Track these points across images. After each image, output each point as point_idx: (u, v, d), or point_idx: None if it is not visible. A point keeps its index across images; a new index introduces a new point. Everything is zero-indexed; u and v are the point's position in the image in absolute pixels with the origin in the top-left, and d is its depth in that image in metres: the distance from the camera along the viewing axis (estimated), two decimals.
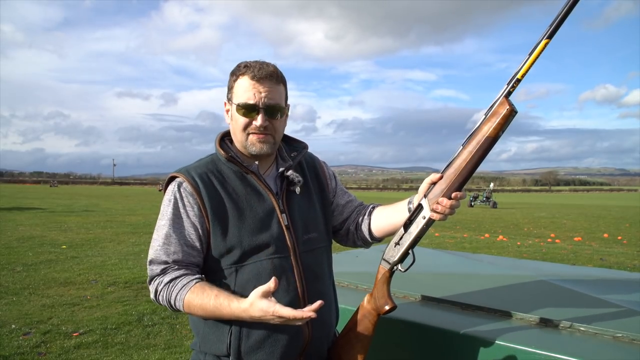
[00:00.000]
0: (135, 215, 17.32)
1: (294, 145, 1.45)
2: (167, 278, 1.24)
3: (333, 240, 1.54)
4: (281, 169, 1.35)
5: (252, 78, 1.25)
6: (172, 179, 1.32)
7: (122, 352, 3.80)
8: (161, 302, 1.27)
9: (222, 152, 1.31)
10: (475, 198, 34.35)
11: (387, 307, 1.30)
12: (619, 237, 12.87)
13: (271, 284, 1.10)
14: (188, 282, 1.22)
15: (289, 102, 1.37)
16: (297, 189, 1.35)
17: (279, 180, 1.36)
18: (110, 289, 5.79)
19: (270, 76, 1.27)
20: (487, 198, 33.54)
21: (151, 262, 1.28)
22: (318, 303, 1.10)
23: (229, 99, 1.32)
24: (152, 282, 1.28)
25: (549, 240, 12.30)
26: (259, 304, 1.12)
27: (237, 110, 1.28)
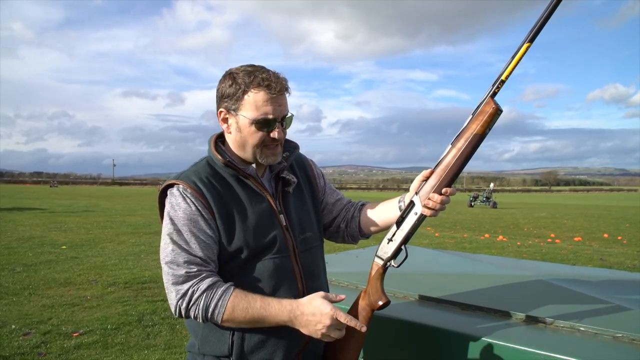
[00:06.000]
0: (135, 216, 17.32)
1: (285, 146, 1.44)
2: (203, 285, 1.18)
3: (324, 238, 1.56)
4: (276, 170, 1.36)
5: (272, 93, 1.22)
6: (171, 185, 1.27)
7: (122, 352, 3.80)
8: (192, 311, 1.18)
9: (218, 156, 1.29)
10: (475, 198, 34.32)
11: (380, 303, 1.31)
12: (619, 237, 12.86)
13: (340, 297, 1.20)
14: (227, 288, 1.19)
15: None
16: (291, 189, 1.37)
17: (274, 181, 1.37)
18: (110, 289, 5.79)
19: (285, 89, 1.26)
20: (487, 198, 33.50)
21: (175, 272, 1.19)
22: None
23: (234, 110, 1.26)
24: (185, 291, 1.18)
25: (549, 240, 12.30)
26: (318, 301, 1.16)
27: (253, 125, 1.24)
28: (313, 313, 1.15)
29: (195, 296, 1.18)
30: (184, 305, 1.19)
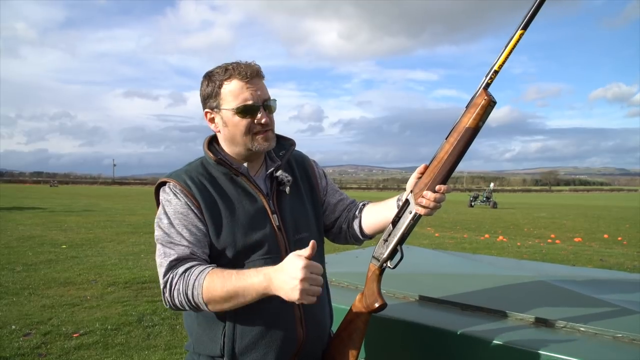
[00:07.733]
0: (135, 215, 17.32)
1: (281, 143, 1.43)
2: (181, 269, 1.18)
3: (328, 240, 1.54)
4: (271, 169, 1.35)
5: (244, 79, 1.24)
6: (163, 183, 1.30)
7: (122, 352, 3.80)
8: (176, 299, 1.17)
9: (210, 155, 1.30)
10: (476, 198, 34.31)
11: (376, 305, 1.30)
12: (619, 238, 12.85)
13: (309, 249, 1.06)
14: (204, 269, 1.17)
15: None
16: (287, 189, 1.35)
17: (269, 180, 1.35)
18: (110, 289, 5.79)
19: (258, 74, 1.27)
20: (487, 198, 33.50)
21: (162, 262, 1.21)
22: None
23: (216, 107, 1.28)
24: (165, 279, 1.19)
25: (549, 240, 12.29)
26: (291, 255, 1.07)
27: (237, 114, 1.25)
28: (285, 269, 1.06)
29: (174, 282, 1.17)
30: (167, 295, 1.19)
